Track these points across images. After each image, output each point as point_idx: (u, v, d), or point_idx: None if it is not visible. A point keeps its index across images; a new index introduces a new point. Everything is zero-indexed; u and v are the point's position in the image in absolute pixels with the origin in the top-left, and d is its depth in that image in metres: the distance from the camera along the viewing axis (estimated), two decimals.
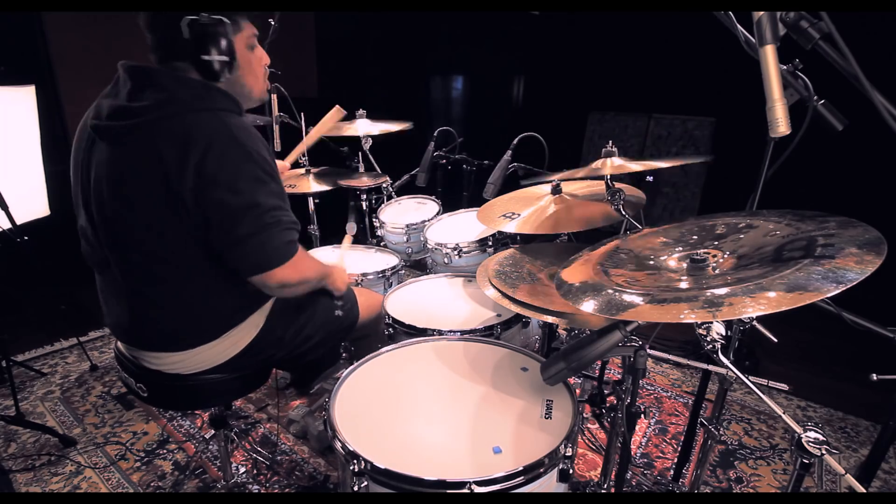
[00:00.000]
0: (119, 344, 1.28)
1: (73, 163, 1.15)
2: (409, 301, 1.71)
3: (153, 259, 1.08)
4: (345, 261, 1.63)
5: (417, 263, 2.40)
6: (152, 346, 1.19)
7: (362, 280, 1.89)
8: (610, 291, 0.90)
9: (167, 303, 1.13)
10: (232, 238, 1.04)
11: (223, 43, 1.07)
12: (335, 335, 1.45)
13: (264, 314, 1.26)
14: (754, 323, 1.07)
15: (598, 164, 1.41)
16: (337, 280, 1.39)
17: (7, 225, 2.00)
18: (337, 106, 1.95)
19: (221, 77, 1.09)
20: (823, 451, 0.78)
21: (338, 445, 0.99)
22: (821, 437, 0.79)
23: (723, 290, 0.78)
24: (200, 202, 1.01)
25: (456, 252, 1.94)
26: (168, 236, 1.06)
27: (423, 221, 2.18)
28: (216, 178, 1.01)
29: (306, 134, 2.02)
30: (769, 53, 0.77)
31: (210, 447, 1.93)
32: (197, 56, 1.05)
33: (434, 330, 1.44)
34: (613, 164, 1.39)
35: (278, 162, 1.65)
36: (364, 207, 2.50)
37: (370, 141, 2.41)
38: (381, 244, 2.30)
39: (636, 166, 1.37)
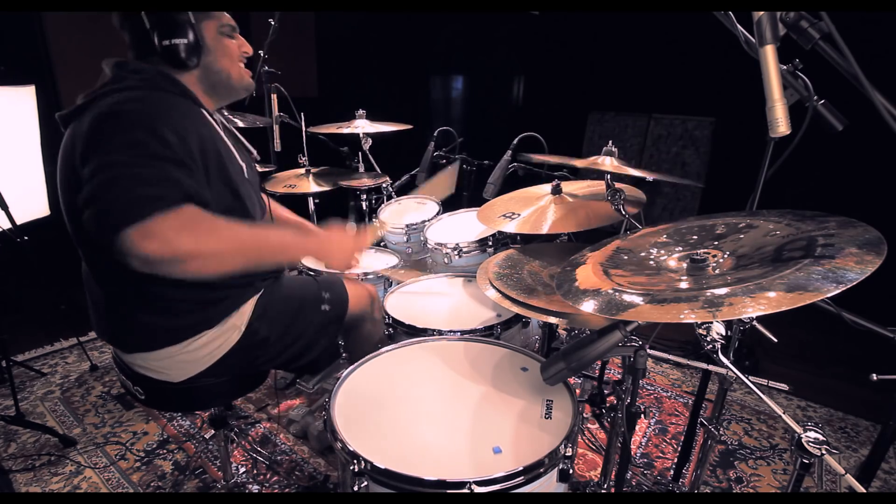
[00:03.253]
0: None
1: None
2: (409, 301, 1.71)
3: (100, 256, 1.06)
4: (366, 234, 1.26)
5: (417, 263, 2.40)
6: (125, 345, 1.16)
7: (362, 280, 1.89)
8: (610, 291, 0.90)
9: (121, 298, 1.10)
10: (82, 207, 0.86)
11: (185, 26, 1.04)
12: (326, 330, 1.38)
13: (244, 316, 1.20)
14: (754, 323, 1.07)
15: (597, 159, 1.41)
16: (331, 255, 1.15)
17: (7, 225, 2.00)
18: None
19: (190, 63, 1.07)
20: (823, 451, 0.78)
21: (338, 445, 0.99)
22: (821, 437, 0.79)
23: (723, 290, 0.78)
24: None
25: (456, 252, 1.93)
26: None
27: (423, 221, 2.18)
28: (88, 144, 0.91)
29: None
30: (769, 53, 0.77)
31: (210, 447, 1.93)
32: (160, 42, 1.03)
33: (434, 330, 1.43)
34: (612, 163, 1.39)
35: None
36: (364, 207, 2.50)
37: (370, 141, 2.41)
38: (381, 244, 2.30)
39: (631, 170, 1.37)
